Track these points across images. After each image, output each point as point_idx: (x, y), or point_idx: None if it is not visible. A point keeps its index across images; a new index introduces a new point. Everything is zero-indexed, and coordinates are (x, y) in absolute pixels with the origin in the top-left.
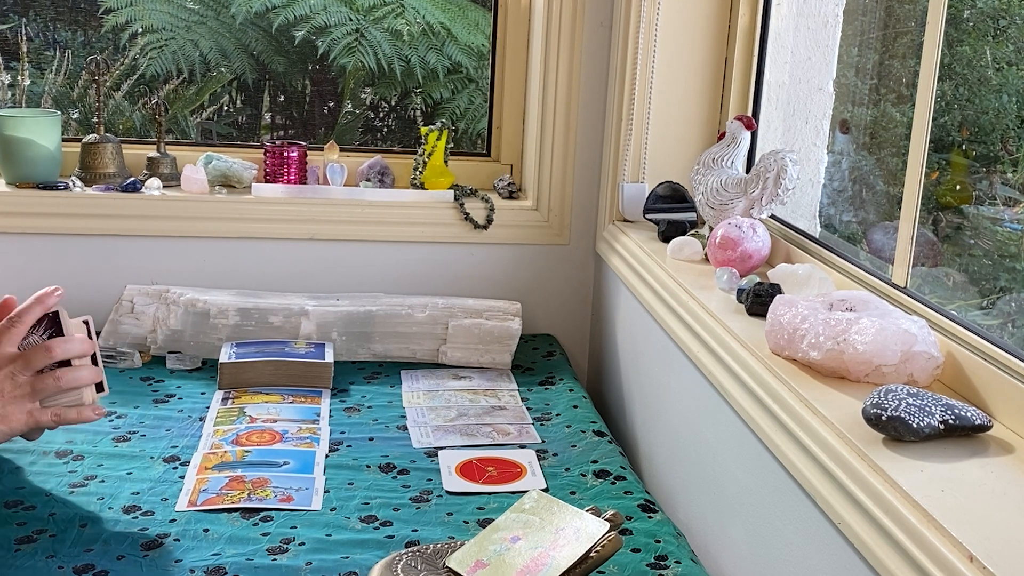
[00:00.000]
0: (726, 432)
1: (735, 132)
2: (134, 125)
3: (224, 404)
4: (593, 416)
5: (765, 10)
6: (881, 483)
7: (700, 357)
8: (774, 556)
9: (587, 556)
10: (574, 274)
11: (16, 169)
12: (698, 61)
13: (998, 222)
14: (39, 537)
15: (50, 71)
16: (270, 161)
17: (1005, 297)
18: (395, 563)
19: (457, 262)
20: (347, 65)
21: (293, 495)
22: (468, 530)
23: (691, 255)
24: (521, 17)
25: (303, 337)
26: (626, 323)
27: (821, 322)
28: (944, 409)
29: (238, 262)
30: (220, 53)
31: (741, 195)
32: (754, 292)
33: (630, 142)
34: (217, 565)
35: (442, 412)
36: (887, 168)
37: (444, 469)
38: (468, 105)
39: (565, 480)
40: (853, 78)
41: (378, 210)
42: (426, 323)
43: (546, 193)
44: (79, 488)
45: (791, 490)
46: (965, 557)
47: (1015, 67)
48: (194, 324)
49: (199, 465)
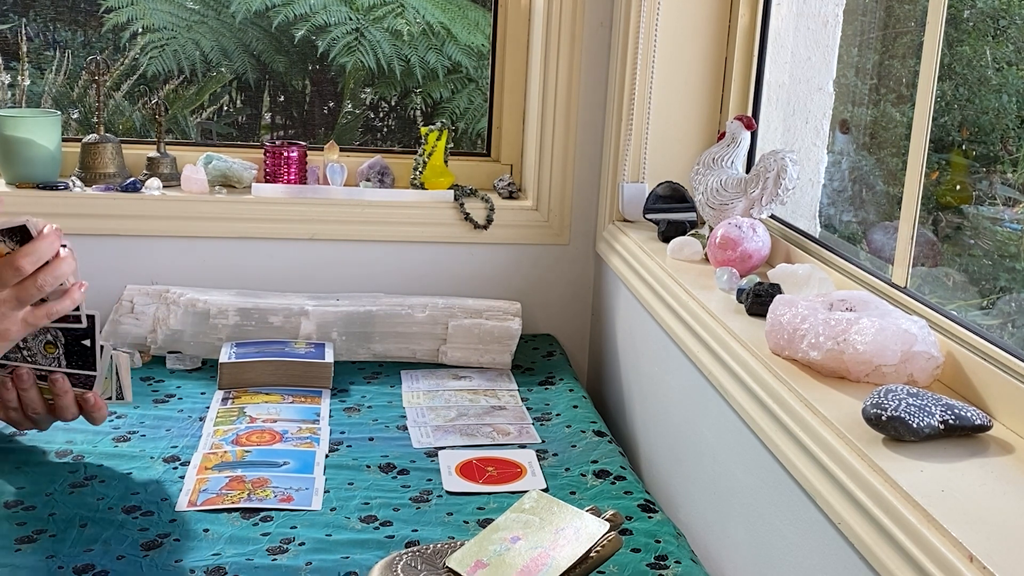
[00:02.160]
0: (726, 432)
1: (735, 132)
2: (134, 125)
3: (224, 404)
4: (593, 416)
5: (765, 10)
6: (881, 483)
7: (700, 357)
8: (774, 556)
9: (587, 556)
10: (574, 274)
11: (16, 169)
12: (698, 61)
13: (998, 222)
14: (39, 537)
15: (50, 71)
16: (270, 161)
17: (1005, 297)
18: (395, 563)
19: (457, 262)
20: (347, 65)
21: (293, 495)
22: (468, 530)
23: (691, 255)
24: (521, 17)
25: (303, 337)
26: (626, 323)
27: (821, 322)
28: (944, 409)
29: (238, 262)
30: (221, 52)
31: (741, 195)
32: (754, 292)
33: (630, 142)
34: (217, 565)
35: (442, 412)
36: (887, 168)
37: (444, 469)
38: (468, 105)
39: (565, 480)
40: (853, 78)
41: (378, 210)
42: (426, 323)
43: (546, 193)
44: (79, 488)
45: (791, 490)
46: (965, 557)
47: (1015, 67)
48: (194, 324)
49: (199, 465)
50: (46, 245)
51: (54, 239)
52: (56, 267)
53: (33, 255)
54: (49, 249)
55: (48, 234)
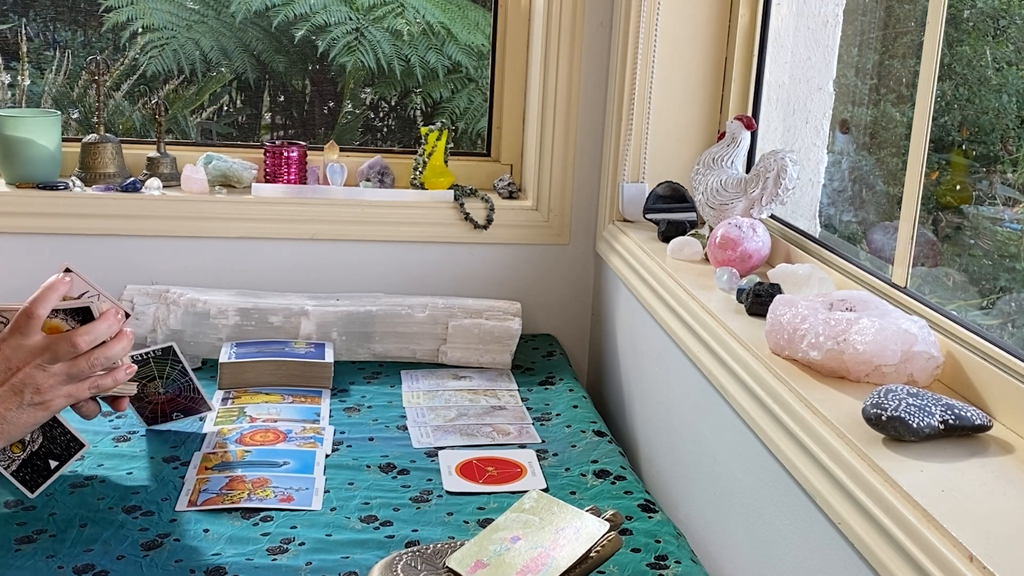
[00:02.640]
0: (726, 432)
1: (735, 132)
2: (134, 125)
3: (224, 404)
4: (593, 416)
5: (765, 10)
6: (881, 483)
7: (700, 357)
8: (774, 556)
9: (587, 556)
10: (574, 274)
11: (16, 169)
12: (698, 61)
13: (998, 222)
14: (39, 537)
15: (50, 71)
16: (270, 161)
17: (1005, 297)
18: (395, 563)
19: (457, 262)
20: (347, 64)
21: (293, 495)
22: (468, 530)
23: (691, 255)
24: (521, 17)
25: (303, 337)
26: (626, 323)
27: (821, 322)
28: (944, 409)
29: (238, 262)
30: (221, 52)
31: (741, 195)
32: (754, 292)
33: (630, 142)
34: (217, 565)
35: (442, 412)
36: (887, 168)
37: (444, 469)
38: (468, 105)
39: (565, 480)
40: (853, 78)
41: (378, 210)
42: (426, 323)
43: (546, 193)
44: (79, 488)
45: (791, 490)
46: (965, 557)
47: (1015, 67)
48: (194, 324)
49: (199, 465)
50: (105, 327)
51: (114, 322)
52: (110, 348)
53: (91, 335)
54: (107, 332)
55: (109, 316)
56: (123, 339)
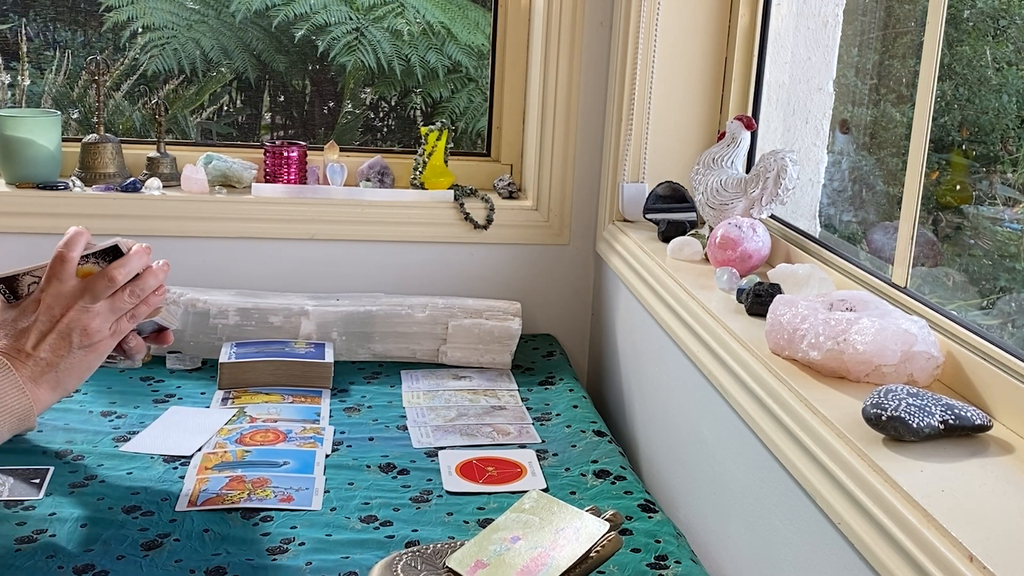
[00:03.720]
0: (726, 432)
1: (735, 132)
2: (134, 125)
3: (224, 404)
4: (593, 416)
5: (765, 10)
6: (881, 483)
7: (700, 357)
8: (774, 556)
9: (587, 556)
10: (574, 274)
11: (16, 169)
12: (698, 61)
13: (998, 222)
14: (39, 537)
15: (50, 71)
16: (270, 161)
17: (1005, 297)
18: (395, 563)
19: (457, 262)
20: (347, 64)
21: (293, 495)
22: (468, 530)
23: (691, 255)
24: (521, 17)
25: (303, 337)
26: (626, 323)
27: (821, 322)
28: (944, 409)
29: (238, 262)
30: (221, 52)
31: (741, 195)
32: (754, 292)
33: (630, 142)
34: (217, 565)
35: (442, 412)
36: (887, 168)
37: (444, 469)
38: (468, 105)
39: (565, 480)
40: (853, 78)
41: (378, 210)
42: (426, 323)
43: (546, 193)
44: (79, 488)
45: (791, 490)
46: (965, 557)
47: (1015, 67)
48: (194, 324)
49: (199, 465)
50: (136, 259)
51: (143, 255)
52: (145, 279)
53: (126, 267)
54: (139, 264)
55: (138, 250)
56: (155, 271)
